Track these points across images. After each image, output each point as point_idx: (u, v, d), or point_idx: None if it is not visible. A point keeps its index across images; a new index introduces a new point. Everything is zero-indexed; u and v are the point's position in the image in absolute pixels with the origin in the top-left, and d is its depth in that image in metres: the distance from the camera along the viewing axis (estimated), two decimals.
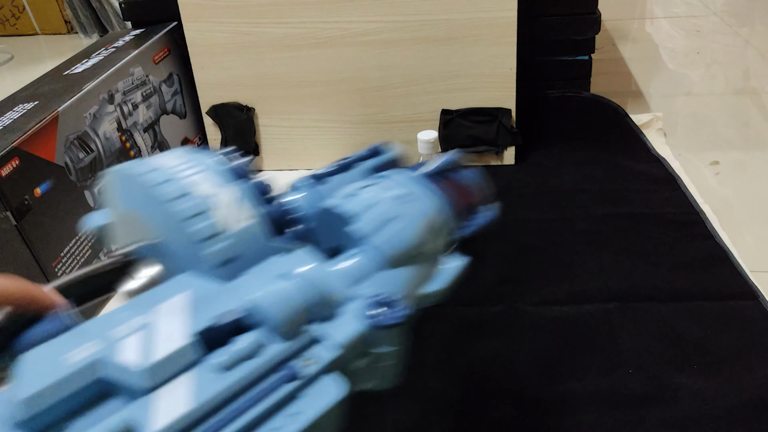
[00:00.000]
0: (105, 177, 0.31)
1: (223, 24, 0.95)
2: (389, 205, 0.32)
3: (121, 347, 0.22)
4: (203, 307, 0.25)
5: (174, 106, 1.00)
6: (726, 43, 1.44)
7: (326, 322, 0.27)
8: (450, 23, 0.91)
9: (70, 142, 0.74)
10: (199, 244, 0.26)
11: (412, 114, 0.98)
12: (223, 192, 0.28)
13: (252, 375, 0.23)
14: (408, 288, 0.31)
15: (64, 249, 0.71)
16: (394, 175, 0.36)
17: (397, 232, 0.31)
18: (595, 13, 1.03)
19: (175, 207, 0.27)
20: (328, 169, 0.37)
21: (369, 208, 0.32)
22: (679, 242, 0.77)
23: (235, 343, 0.24)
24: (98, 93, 0.81)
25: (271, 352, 0.24)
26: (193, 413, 0.21)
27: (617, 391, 0.59)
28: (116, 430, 0.20)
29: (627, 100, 1.17)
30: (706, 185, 0.91)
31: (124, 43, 0.95)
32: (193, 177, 0.28)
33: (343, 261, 0.30)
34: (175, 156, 0.30)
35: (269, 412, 0.23)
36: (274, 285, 0.26)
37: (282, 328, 0.25)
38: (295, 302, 0.25)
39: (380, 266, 0.30)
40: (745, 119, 1.13)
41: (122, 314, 0.24)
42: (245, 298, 0.25)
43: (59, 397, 0.21)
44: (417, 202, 0.33)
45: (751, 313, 0.66)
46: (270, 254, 0.28)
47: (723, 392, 0.57)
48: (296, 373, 0.24)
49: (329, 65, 0.96)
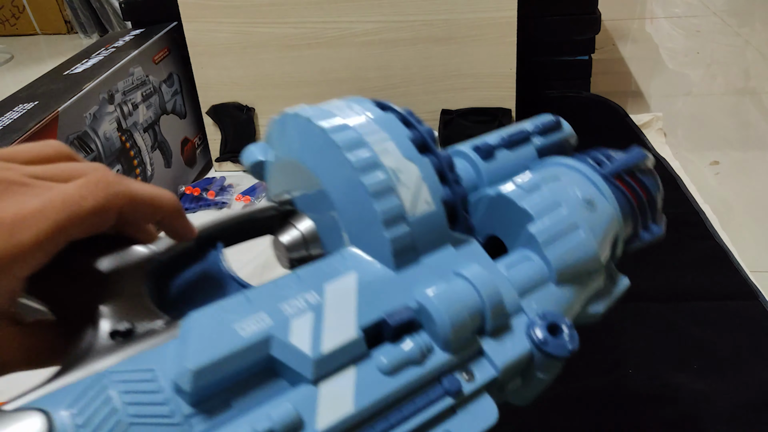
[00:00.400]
0: (281, 118, 0.29)
1: (223, 24, 0.95)
2: (573, 210, 0.29)
3: (293, 327, 0.21)
4: (373, 295, 0.23)
5: (174, 106, 1.00)
6: (726, 43, 1.44)
7: (493, 334, 0.25)
8: (450, 23, 0.91)
9: (70, 142, 0.74)
10: (381, 224, 0.24)
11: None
12: (411, 168, 0.26)
13: (415, 383, 0.22)
14: (575, 305, 0.29)
15: None
16: (577, 166, 0.32)
17: (577, 245, 0.29)
18: (595, 13, 1.03)
19: (366, 179, 0.24)
20: (492, 140, 0.33)
21: (552, 209, 0.29)
22: (679, 242, 0.77)
23: (402, 344, 0.23)
24: (98, 93, 0.81)
25: (436, 360, 0.23)
26: (353, 417, 0.21)
27: (617, 391, 0.59)
28: (285, 421, 0.20)
29: (627, 100, 1.17)
30: (706, 185, 0.91)
31: (124, 43, 0.95)
32: (384, 144, 0.26)
33: (513, 264, 0.28)
34: (360, 109, 0.28)
35: (426, 425, 0.22)
36: (447, 284, 0.24)
37: (450, 335, 0.23)
38: (468, 306, 0.24)
39: (551, 279, 0.28)
40: (745, 119, 1.13)
41: (291, 286, 0.23)
42: (417, 295, 0.24)
43: (229, 371, 0.20)
44: (601, 210, 0.30)
45: (751, 313, 0.66)
46: (443, 244, 0.26)
47: (723, 392, 0.57)
48: (458, 387, 0.23)
49: (329, 65, 0.96)
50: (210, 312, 0.21)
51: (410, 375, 0.22)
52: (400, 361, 0.22)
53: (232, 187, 0.99)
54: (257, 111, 1.01)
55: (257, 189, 0.98)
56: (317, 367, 0.21)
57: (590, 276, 0.29)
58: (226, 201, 0.95)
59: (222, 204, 0.95)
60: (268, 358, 0.21)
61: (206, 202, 0.96)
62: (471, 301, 0.24)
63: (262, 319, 0.21)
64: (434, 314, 0.23)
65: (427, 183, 0.26)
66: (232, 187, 0.99)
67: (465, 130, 0.97)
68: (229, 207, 0.95)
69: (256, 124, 1.02)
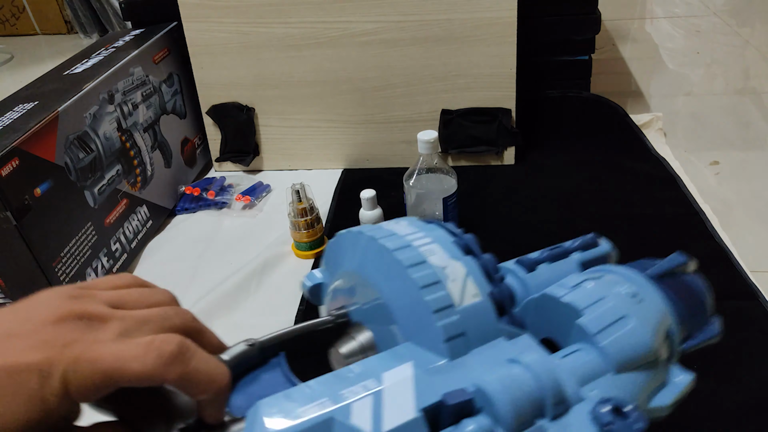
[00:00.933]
0: (338, 236, 0.31)
1: (223, 24, 0.95)
2: (619, 302, 0.29)
3: (354, 410, 0.22)
4: (430, 381, 0.24)
5: (174, 106, 1.00)
6: (726, 43, 1.44)
7: (556, 419, 0.24)
8: (450, 23, 0.91)
9: (70, 142, 0.74)
10: (432, 314, 0.25)
11: (412, 114, 0.98)
12: (455, 265, 0.27)
13: None
14: (638, 396, 0.29)
15: (64, 249, 0.71)
16: (618, 270, 0.33)
17: (627, 333, 0.28)
18: (595, 13, 1.03)
19: (413, 273, 0.26)
20: (537, 256, 0.35)
21: (597, 301, 0.29)
22: (679, 242, 0.77)
23: (462, 426, 0.23)
24: (98, 93, 0.81)
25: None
26: None
27: None
28: None
29: (627, 100, 1.17)
30: (706, 185, 0.91)
31: (124, 43, 0.95)
32: (428, 246, 0.28)
33: (568, 354, 0.28)
34: (406, 224, 0.30)
35: None
36: (504, 369, 0.24)
37: (510, 419, 0.23)
38: (526, 391, 0.24)
39: (607, 369, 0.28)
40: (745, 119, 1.13)
41: (350, 376, 0.24)
42: (474, 379, 0.24)
43: None
44: (648, 302, 0.30)
45: (751, 313, 0.66)
46: (495, 336, 0.26)
47: (724, 392, 0.57)
48: None
49: (329, 65, 0.96)
50: (275, 399, 0.22)
51: None
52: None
53: (232, 187, 0.99)
54: (257, 111, 1.01)
55: (257, 189, 0.98)
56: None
57: (649, 366, 0.29)
58: (226, 201, 0.95)
59: (222, 204, 0.95)
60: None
61: (206, 201, 0.96)
62: (529, 383, 0.24)
63: (323, 404, 0.22)
64: (493, 395, 0.23)
65: (472, 277, 0.27)
66: (232, 187, 0.99)
67: (465, 130, 0.97)
68: (229, 207, 0.95)
69: (256, 124, 1.02)
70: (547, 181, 0.94)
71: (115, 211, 0.81)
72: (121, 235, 0.83)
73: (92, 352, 0.22)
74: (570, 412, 0.25)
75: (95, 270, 0.77)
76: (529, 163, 0.99)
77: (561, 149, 1.01)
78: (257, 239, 0.87)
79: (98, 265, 0.77)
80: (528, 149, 1.00)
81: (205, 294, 0.76)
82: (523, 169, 0.98)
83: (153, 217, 0.90)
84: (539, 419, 0.24)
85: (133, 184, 0.86)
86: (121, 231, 0.83)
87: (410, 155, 0.80)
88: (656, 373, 0.30)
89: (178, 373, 0.23)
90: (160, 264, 0.85)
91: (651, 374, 0.29)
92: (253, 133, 1.02)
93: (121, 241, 0.82)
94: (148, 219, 0.89)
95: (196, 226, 0.92)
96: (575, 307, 0.29)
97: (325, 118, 1.00)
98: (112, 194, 0.81)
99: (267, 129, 1.03)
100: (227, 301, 0.75)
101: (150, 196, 0.90)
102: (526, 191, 0.92)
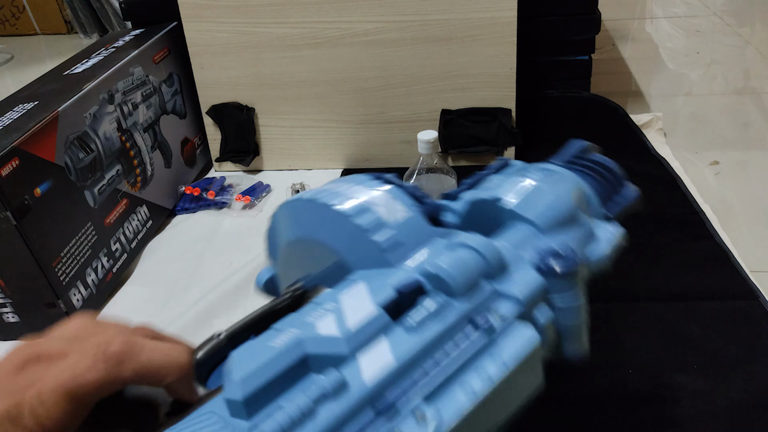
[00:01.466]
0: (278, 210, 0.33)
1: (223, 24, 0.95)
2: (535, 182, 0.34)
3: (320, 326, 0.24)
4: (381, 284, 0.26)
5: (174, 106, 1.00)
6: (726, 43, 1.44)
7: (501, 278, 0.28)
8: (450, 23, 0.91)
9: (70, 142, 0.74)
10: (366, 234, 0.28)
11: (412, 114, 0.98)
12: (380, 194, 0.30)
13: (443, 329, 0.24)
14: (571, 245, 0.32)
15: (64, 249, 0.71)
16: (531, 167, 0.37)
17: (544, 198, 0.32)
18: (595, 13, 1.03)
19: (344, 210, 0.29)
20: (458, 189, 0.38)
21: (514, 185, 0.34)
22: (679, 242, 0.77)
23: (419, 302, 0.25)
24: (98, 93, 0.81)
25: (456, 309, 0.25)
26: (397, 369, 0.22)
27: (617, 391, 0.59)
28: (334, 383, 0.21)
29: (627, 100, 1.17)
30: (706, 185, 0.91)
31: (124, 43, 0.95)
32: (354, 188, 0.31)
33: (500, 233, 0.32)
34: (340, 181, 0.33)
35: (470, 357, 0.24)
36: (447, 251, 0.27)
37: (461, 289, 0.26)
38: (470, 263, 0.27)
39: (536, 232, 0.31)
40: (745, 119, 1.13)
41: (308, 308, 0.26)
42: (418, 269, 0.27)
43: (271, 375, 0.22)
44: (559, 175, 0.35)
45: (751, 313, 0.66)
46: (431, 239, 0.29)
47: (723, 392, 0.57)
48: (488, 323, 0.25)
49: (329, 65, 0.96)
50: (247, 345, 0.24)
51: (436, 324, 0.24)
52: (423, 316, 0.24)
53: (232, 187, 0.99)
54: (257, 111, 1.01)
55: (257, 189, 0.98)
56: (349, 341, 0.23)
57: (572, 222, 0.33)
58: (226, 201, 0.95)
59: (222, 204, 0.95)
60: (305, 358, 0.23)
61: (206, 202, 0.96)
62: (470, 258, 0.27)
63: (291, 332, 0.24)
64: (436, 270, 0.26)
65: (398, 199, 0.30)
66: (232, 187, 0.99)
67: (465, 130, 0.97)
68: (229, 207, 0.95)
69: (256, 124, 1.02)
70: None
71: (115, 211, 0.81)
72: (121, 235, 0.83)
73: (51, 381, 0.22)
74: (511, 269, 0.28)
75: (95, 270, 0.77)
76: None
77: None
78: (257, 239, 0.87)
79: (98, 265, 0.77)
80: (528, 149, 1.00)
81: (205, 294, 0.76)
82: None
83: (153, 217, 0.90)
84: (488, 281, 0.27)
85: (133, 184, 0.86)
86: (121, 231, 0.83)
87: (410, 155, 0.80)
88: (582, 228, 0.33)
89: (131, 369, 0.23)
90: (160, 264, 0.85)
91: (577, 230, 0.33)
92: (253, 133, 1.02)
93: (121, 241, 0.82)
94: (148, 219, 0.89)
95: (196, 226, 0.92)
96: (496, 197, 0.33)
97: (325, 118, 1.00)
98: (112, 194, 0.81)
99: (267, 129, 1.03)
100: (227, 301, 0.75)
101: (150, 196, 0.90)
102: None
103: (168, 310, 0.75)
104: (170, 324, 0.72)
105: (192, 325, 0.71)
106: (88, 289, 0.75)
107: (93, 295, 0.76)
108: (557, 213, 0.32)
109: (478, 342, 0.25)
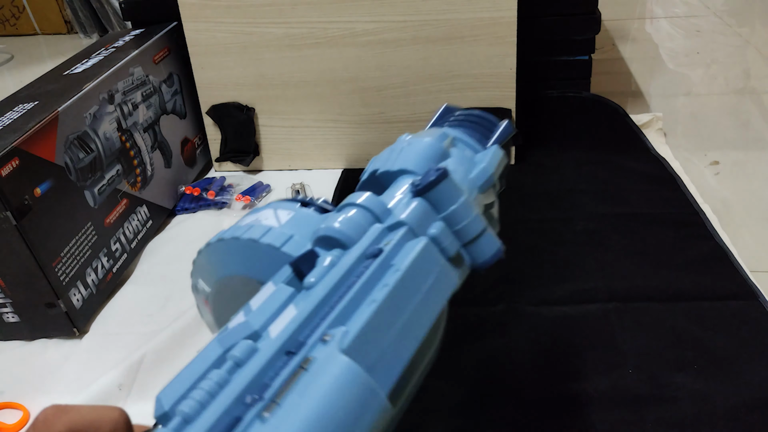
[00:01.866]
0: (201, 253, 0.36)
1: (223, 24, 0.95)
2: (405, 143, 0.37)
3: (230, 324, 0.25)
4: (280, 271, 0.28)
5: (174, 106, 1.00)
6: (726, 43, 1.44)
7: (389, 219, 0.30)
8: (450, 23, 0.91)
9: (70, 142, 0.74)
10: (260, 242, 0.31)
11: (412, 114, 0.98)
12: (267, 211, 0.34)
13: (342, 274, 0.26)
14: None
15: (64, 249, 0.71)
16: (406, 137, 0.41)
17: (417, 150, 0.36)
18: (595, 13, 1.03)
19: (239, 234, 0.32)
20: None
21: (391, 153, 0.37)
22: (679, 242, 0.77)
23: (319, 261, 0.27)
24: (98, 93, 0.81)
25: (352, 254, 0.27)
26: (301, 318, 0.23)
27: (617, 391, 0.59)
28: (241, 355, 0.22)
29: (627, 100, 1.17)
30: (706, 185, 0.91)
31: (124, 43, 0.95)
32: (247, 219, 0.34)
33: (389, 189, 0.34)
34: None
35: (369, 281, 0.25)
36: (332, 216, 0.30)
37: (351, 239, 0.28)
38: (353, 216, 0.29)
39: (415, 175, 0.34)
40: (745, 119, 1.13)
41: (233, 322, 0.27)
42: (313, 236, 0.29)
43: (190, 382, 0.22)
44: (427, 133, 0.39)
45: (751, 313, 0.66)
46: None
47: (723, 392, 0.57)
48: (378, 250, 0.27)
49: (329, 65, 0.96)
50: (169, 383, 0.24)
51: (335, 272, 0.26)
52: (320, 272, 0.26)
53: (232, 187, 0.99)
54: (257, 111, 1.01)
55: (257, 189, 0.98)
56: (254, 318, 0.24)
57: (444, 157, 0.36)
58: (226, 201, 0.95)
59: (222, 204, 0.95)
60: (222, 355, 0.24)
61: (206, 202, 0.96)
62: (349, 209, 0.29)
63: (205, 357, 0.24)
64: (324, 232, 0.29)
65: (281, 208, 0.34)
66: (232, 187, 0.99)
67: None
68: (229, 207, 0.95)
69: (256, 124, 1.02)
70: (547, 181, 0.94)
71: (115, 211, 0.81)
72: (121, 235, 0.83)
73: None
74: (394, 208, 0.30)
75: (95, 270, 0.77)
76: (529, 162, 0.99)
77: (561, 149, 1.01)
78: None
79: (98, 265, 0.77)
80: (528, 149, 1.00)
81: None
82: (523, 169, 0.98)
83: (153, 217, 0.90)
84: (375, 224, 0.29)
85: (133, 184, 0.86)
86: (121, 231, 0.83)
87: None
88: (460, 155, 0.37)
89: (62, 423, 0.24)
90: (160, 264, 0.85)
91: (456, 155, 0.37)
92: (253, 133, 1.02)
93: (121, 241, 0.82)
94: (148, 219, 0.89)
95: (196, 226, 0.92)
96: (375, 169, 0.36)
97: (326, 118, 1.00)
98: (112, 194, 0.81)
99: (267, 129, 1.03)
100: None
101: (150, 196, 0.90)
102: (526, 191, 0.92)
103: (168, 310, 0.75)
104: (170, 324, 0.72)
105: (192, 325, 0.71)
106: (88, 289, 0.75)
107: (93, 295, 0.76)
108: (427, 155, 0.35)
109: (376, 269, 0.26)
